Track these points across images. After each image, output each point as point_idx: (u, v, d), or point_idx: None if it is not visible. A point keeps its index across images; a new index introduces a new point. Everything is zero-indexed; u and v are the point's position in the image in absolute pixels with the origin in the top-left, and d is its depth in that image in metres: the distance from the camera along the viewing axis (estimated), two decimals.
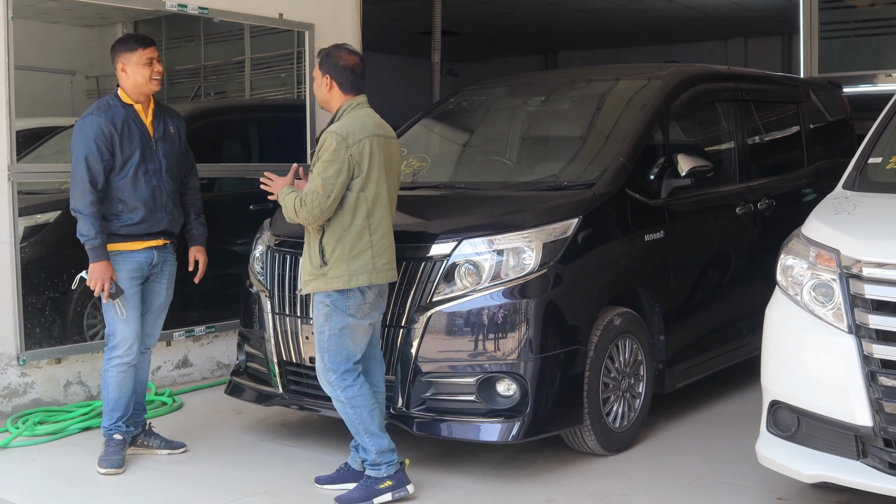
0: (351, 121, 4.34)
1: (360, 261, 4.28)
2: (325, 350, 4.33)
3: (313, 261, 4.31)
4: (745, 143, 6.25)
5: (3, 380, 5.72)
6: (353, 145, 4.25)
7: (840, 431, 3.75)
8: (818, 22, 10.24)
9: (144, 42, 4.88)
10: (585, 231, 4.80)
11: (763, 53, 15.92)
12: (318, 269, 4.29)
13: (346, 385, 4.33)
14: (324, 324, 4.32)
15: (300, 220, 4.28)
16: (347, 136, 4.25)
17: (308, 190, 4.22)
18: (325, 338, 4.32)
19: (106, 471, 4.83)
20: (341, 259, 4.27)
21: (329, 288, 4.28)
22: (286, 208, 4.32)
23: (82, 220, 4.72)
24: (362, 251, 4.29)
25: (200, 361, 6.73)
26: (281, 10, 7.07)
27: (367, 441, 4.36)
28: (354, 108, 4.41)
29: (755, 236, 6.07)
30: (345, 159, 4.22)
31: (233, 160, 7.24)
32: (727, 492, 4.47)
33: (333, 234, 4.28)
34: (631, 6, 13.21)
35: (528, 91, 6.41)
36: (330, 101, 4.44)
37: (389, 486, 4.35)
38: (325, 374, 4.36)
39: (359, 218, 4.28)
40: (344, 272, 4.26)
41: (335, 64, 4.41)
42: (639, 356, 5.10)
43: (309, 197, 4.20)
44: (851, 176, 4.52)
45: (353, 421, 4.36)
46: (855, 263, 3.74)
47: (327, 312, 4.31)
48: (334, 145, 4.23)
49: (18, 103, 5.66)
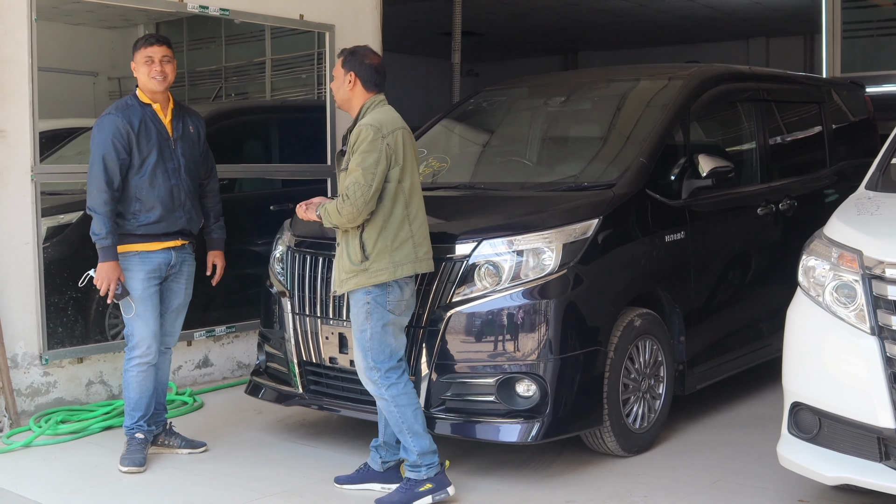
0: (379, 114, 4.36)
1: (403, 251, 4.29)
2: (368, 349, 4.31)
3: (352, 257, 4.28)
4: (767, 143, 6.22)
5: (27, 379, 5.77)
6: (388, 135, 4.27)
7: (862, 433, 3.72)
8: (841, 21, 10.18)
9: (148, 41, 4.91)
10: (605, 232, 4.79)
11: (785, 53, 15.85)
12: (358, 265, 4.26)
13: (391, 383, 4.32)
14: (365, 322, 4.30)
15: (344, 220, 4.22)
16: (381, 126, 4.27)
17: (349, 183, 4.19)
18: (368, 336, 4.30)
19: (127, 469, 4.86)
20: (384, 251, 4.25)
21: (372, 282, 4.25)
22: (329, 215, 4.27)
23: (96, 218, 4.76)
24: (404, 241, 4.29)
25: (221, 361, 6.76)
26: (301, 12, 7.09)
27: (410, 441, 4.34)
28: (378, 105, 4.42)
29: (776, 237, 6.04)
30: (382, 149, 4.23)
31: (253, 161, 7.27)
32: (748, 494, 4.45)
33: (375, 226, 4.26)
34: (651, 6, 13.17)
35: (549, 91, 6.40)
36: (351, 100, 4.45)
37: (429, 488, 4.34)
38: (368, 374, 4.34)
39: (398, 208, 4.28)
40: (388, 264, 4.25)
41: (360, 62, 4.41)
42: (659, 357, 5.08)
43: (351, 189, 4.17)
44: (874, 176, 4.49)
45: (398, 419, 4.34)
46: (878, 264, 3.71)
47: (368, 310, 4.29)
48: (371, 136, 4.23)
49: (41, 104, 5.70)
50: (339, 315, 4.86)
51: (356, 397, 4.91)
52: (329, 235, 5.03)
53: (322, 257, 4.96)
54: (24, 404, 5.75)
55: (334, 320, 4.87)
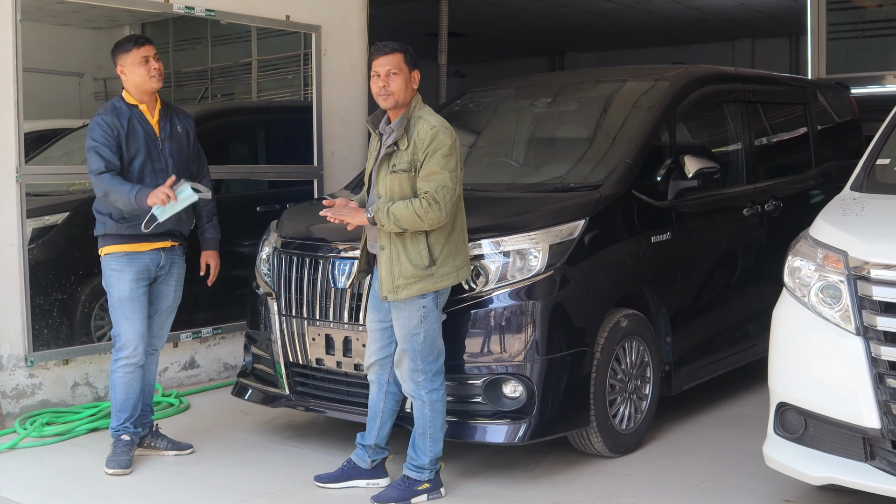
0: (435, 115, 4.31)
1: (462, 255, 4.31)
2: (419, 352, 4.27)
3: (416, 262, 4.19)
4: (753, 144, 6.24)
5: (12, 381, 5.74)
6: (456, 139, 4.26)
7: (848, 433, 3.74)
8: (826, 23, 10.22)
9: (138, 41, 4.90)
10: (592, 233, 4.79)
11: (770, 54, 15.90)
12: (423, 270, 4.20)
13: (434, 388, 4.31)
14: (419, 326, 4.25)
15: (427, 224, 4.11)
16: (451, 130, 4.25)
17: (437, 187, 4.11)
18: (421, 339, 4.26)
19: (113, 471, 4.84)
20: (449, 256, 4.25)
21: (438, 287, 4.23)
22: (401, 219, 4.10)
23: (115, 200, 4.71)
24: (462, 245, 4.32)
25: (207, 363, 6.74)
26: (288, 13, 7.08)
27: (428, 446, 4.34)
28: (423, 104, 4.37)
29: (762, 238, 6.06)
30: (458, 152, 4.23)
31: (240, 162, 7.25)
32: (734, 494, 4.46)
33: (443, 231, 4.21)
34: (638, 7, 13.20)
35: (535, 92, 6.41)
36: (409, 100, 4.31)
37: (427, 488, 4.37)
38: (412, 375, 4.30)
39: (460, 212, 4.30)
40: (452, 269, 4.25)
41: (416, 62, 4.34)
42: (645, 358, 5.09)
43: (441, 193, 4.10)
44: (859, 177, 4.51)
45: (427, 423, 4.33)
46: (863, 265, 3.73)
47: (424, 314, 4.24)
48: (450, 140, 4.19)
49: (26, 105, 5.68)
50: (325, 316, 4.85)
51: (343, 398, 4.91)
52: (316, 236, 5.03)
53: (309, 258, 4.95)
54: (9, 406, 5.72)
55: (321, 321, 4.87)
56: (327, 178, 7.30)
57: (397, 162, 4.25)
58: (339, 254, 4.83)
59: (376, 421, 4.56)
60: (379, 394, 4.54)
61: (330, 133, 7.33)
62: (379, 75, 4.29)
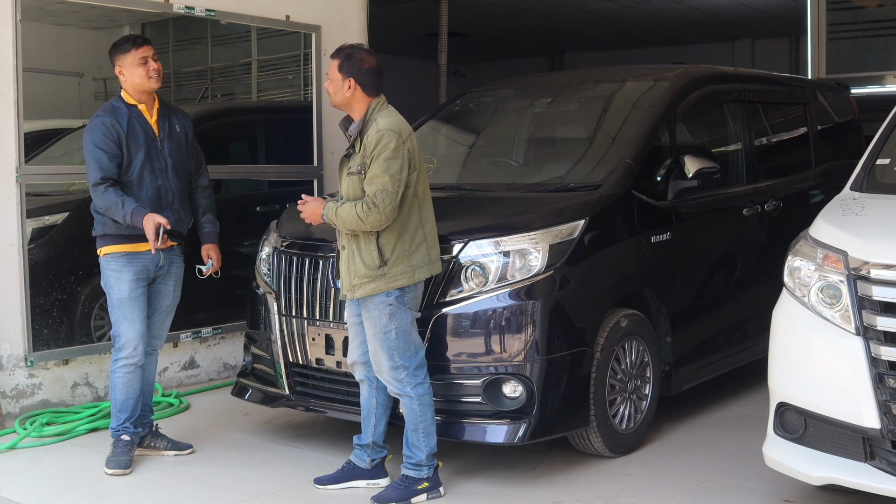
0: (392, 117, 4.33)
1: (419, 255, 4.31)
2: (395, 348, 4.30)
3: (367, 262, 4.25)
4: (753, 144, 6.24)
5: (11, 381, 5.74)
6: (407, 140, 4.27)
7: (847, 433, 3.74)
8: (826, 23, 10.22)
9: (137, 42, 4.90)
10: (592, 233, 4.79)
11: (770, 54, 15.89)
12: (375, 271, 4.25)
13: (418, 382, 4.33)
14: (389, 323, 4.29)
15: (368, 226, 4.18)
16: (400, 132, 4.26)
17: (375, 190, 4.15)
18: (393, 336, 4.29)
19: (113, 471, 4.84)
20: (402, 256, 4.26)
21: (391, 287, 4.25)
22: (346, 220, 4.21)
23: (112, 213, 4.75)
24: (419, 245, 4.31)
25: (207, 363, 6.74)
26: (287, 13, 7.08)
27: (423, 441, 4.35)
28: (383, 107, 4.39)
29: (762, 238, 6.06)
30: (404, 155, 4.23)
31: (239, 162, 7.25)
32: (734, 494, 4.46)
33: (393, 231, 4.25)
34: (638, 7, 13.20)
35: (535, 92, 6.41)
36: (351, 104, 4.39)
37: (426, 487, 4.38)
38: (393, 373, 4.32)
39: (414, 213, 4.30)
40: (406, 269, 4.27)
41: (359, 68, 4.35)
42: (645, 358, 5.09)
43: (380, 197, 4.15)
44: (859, 177, 4.51)
45: (417, 418, 4.35)
46: (863, 265, 3.73)
47: (391, 311, 4.28)
48: (394, 142, 4.21)
49: (26, 105, 5.68)
50: (325, 316, 4.85)
51: (343, 398, 4.91)
52: (316, 236, 5.03)
53: (308, 258, 4.95)
54: (9, 406, 5.72)
55: (321, 321, 4.87)
56: (327, 178, 7.30)
57: (352, 164, 4.33)
58: None
59: (370, 419, 4.57)
60: (370, 391, 4.55)
61: (330, 133, 7.33)
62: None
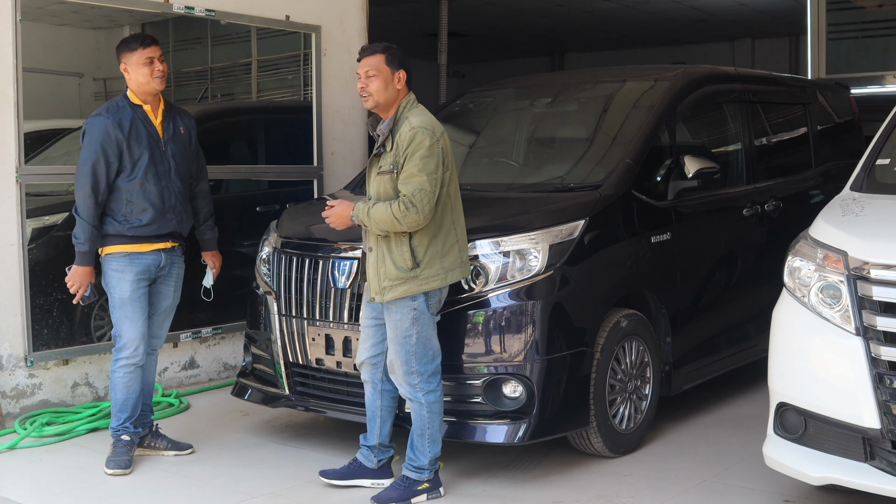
0: (424, 115, 4.28)
1: (451, 256, 4.26)
2: (412, 353, 4.26)
3: (399, 264, 4.18)
4: (752, 144, 6.24)
5: (11, 381, 5.74)
6: (441, 139, 4.22)
7: (847, 434, 3.74)
8: (826, 23, 10.23)
9: (144, 41, 4.88)
10: (592, 233, 4.79)
11: (770, 54, 15.90)
12: (406, 272, 4.18)
13: (430, 389, 4.30)
14: (411, 328, 4.24)
15: (405, 226, 4.10)
16: (434, 130, 4.21)
17: (413, 190, 4.10)
18: (414, 341, 4.25)
19: (113, 472, 4.84)
20: (435, 258, 4.21)
21: (423, 289, 4.20)
22: (379, 221, 4.14)
23: (79, 223, 4.80)
24: (451, 247, 4.27)
25: (207, 363, 6.74)
26: (287, 13, 7.08)
27: (427, 447, 4.33)
28: (414, 105, 4.34)
29: (762, 238, 6.06)
30: (439, 153, 4.19)
31: (240, 162, 7.25)
32: (734, 494, 4.46)
33: (426, 232, 4.19)
34: (638, 8, 13.20)
35: (535, 93, 6.41)
36: (396, 100, 4.31)
37: (426, 488, 4.37)
38: (407, 377, 4.29)
39: (447, 213, 4.25)
40: (438, 270, 4.21)
41: (405, 59, 4.30)
42: (645, 358, 5.09)
43: (418, 196, 4.08)
44: (859, 177, 4.51)
45: (425, 424, 4.32)
46: (863, 265, 3.73)
47: (415, 316, 4.23)
48: (429, 141, 4.15)
49: (26, 105, 5.68)
50: (325, 316, 4.85)
51: (343, 398, 4.91)
52: (316, 236, 5.03)
53: (308, 258, 4.95)
54: (9, 406, 5.72)
55: (321, 321, 4.87)
56: (327, 178, 7.30)
57: (383, 163, 4.27)
58: (340, 254, 4.83)
59: (376, 420, 4.56)
60: (374, 393, 4.54)
61: (330, 133, 7.33)
62: (360, 77, 4.34)
